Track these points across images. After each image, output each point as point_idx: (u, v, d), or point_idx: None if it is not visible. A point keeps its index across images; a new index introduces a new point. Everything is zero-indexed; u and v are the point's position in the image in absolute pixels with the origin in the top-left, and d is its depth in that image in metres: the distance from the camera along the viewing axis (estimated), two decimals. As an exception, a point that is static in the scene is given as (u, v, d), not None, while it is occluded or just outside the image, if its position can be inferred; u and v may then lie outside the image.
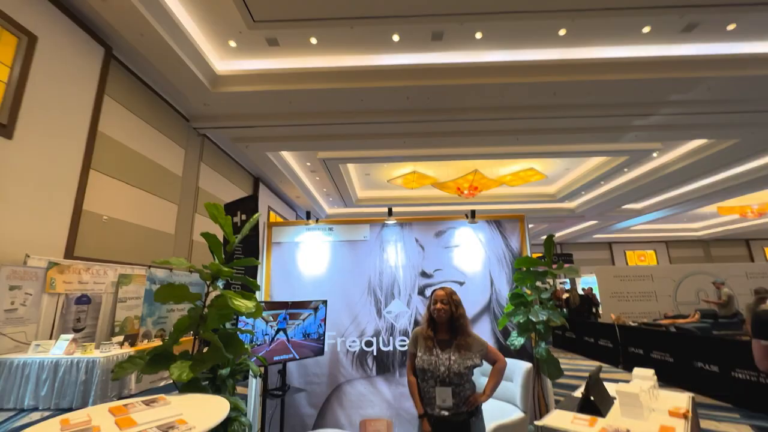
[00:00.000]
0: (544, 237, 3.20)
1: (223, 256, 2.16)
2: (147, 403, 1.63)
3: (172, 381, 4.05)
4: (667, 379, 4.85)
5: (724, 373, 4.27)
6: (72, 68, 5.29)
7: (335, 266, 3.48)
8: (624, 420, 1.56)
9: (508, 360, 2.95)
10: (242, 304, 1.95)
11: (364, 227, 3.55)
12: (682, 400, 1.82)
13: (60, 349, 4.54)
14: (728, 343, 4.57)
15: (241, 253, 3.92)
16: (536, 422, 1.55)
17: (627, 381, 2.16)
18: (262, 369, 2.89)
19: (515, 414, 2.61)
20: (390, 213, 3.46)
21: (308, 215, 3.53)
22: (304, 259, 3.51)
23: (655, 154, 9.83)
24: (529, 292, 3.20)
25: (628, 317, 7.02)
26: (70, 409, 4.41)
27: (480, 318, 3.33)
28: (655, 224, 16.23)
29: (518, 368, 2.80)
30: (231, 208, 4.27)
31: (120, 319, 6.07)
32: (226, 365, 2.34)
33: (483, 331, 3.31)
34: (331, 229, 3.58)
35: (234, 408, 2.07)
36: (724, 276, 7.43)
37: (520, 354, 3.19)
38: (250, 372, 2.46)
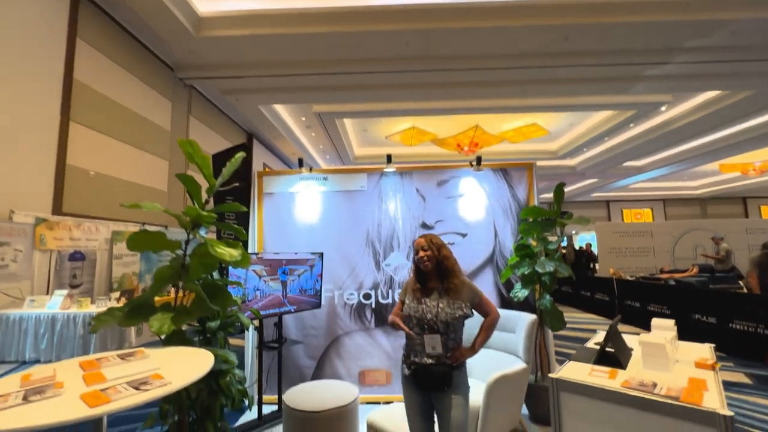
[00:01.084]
0: (545, 195, 2.96)
1: (204, 201, 1.92)
2: (123, 357, 1.47)
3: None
4: (664, 330, 4.85)
5: (721, 324, 4.24)
6: (37, 5, 4.73)
7: (331, 218, 3.26)
8: (647, 372, 1.41)
9: (511, 312, 2.83)
10: (226, 252, 1.74)
11: (362, 176, 3.29)
12: (704, 351, 1.68)
13: (55, 304, 4.44)
14: (727, 295, 4.51)
15: (231, 198, 3.68)
16: (551, 375, 1.40)
17: (624, 333, 2.04)
18: (257, 322, 2.77)
19: (517, 365, 2.51)
20: (389, 160, 3.18)
21: (300, 163, 3.25)
22: (298, 210, 3.28)
23: (663, 108, 9.34)
24: (534, 243, 3.02)
25: (625, 272, 6.99)
26: (70, 362, 4.39)
27: (482, 270, 3.17)
28: (654, 182, 15.96)
29: (521, 320, 2.67)
30: (220, 158, 3.98)
31: (117, 276, 5.97)
32: (215, 318, 2.18)
33: (486, 284, 3.17)
34: (325, 178, 3.31)
35: (224, 361, 1.94)
36: (723, 232, 7.32)
37: (522, 306, 3.06)
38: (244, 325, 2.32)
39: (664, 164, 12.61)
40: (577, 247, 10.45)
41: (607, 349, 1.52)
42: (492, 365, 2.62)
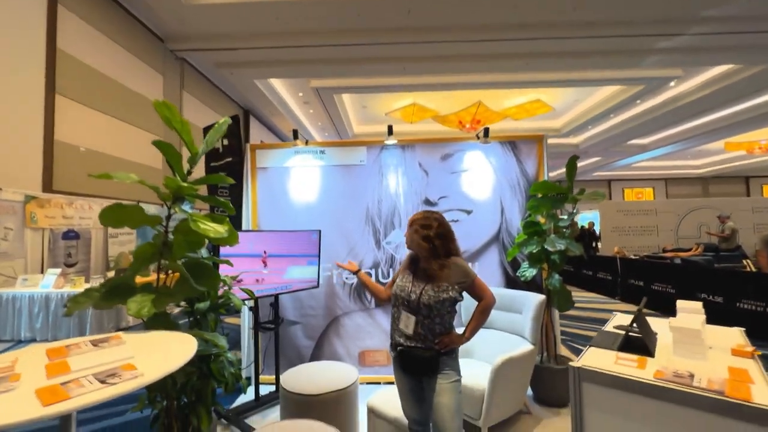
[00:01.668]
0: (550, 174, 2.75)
1: (187, 171, 1.72)
2: (95, 344, 1.31)
3: (174, 312, 3.80)
4: (669, 311, 4.75)
5: (728, 303, 4.12)
6: (9, -35, 4.36)
7: (329, 194, 3.06)
8: (679, 360, 1.26)
9: (518, 292, 2.67)
10: (210, 227, 1.56)
11: (361, 150, 3.07)
12: (734, 335, 1.53)
13: (48, 283, 4.31)
14: (735, 274, 4.37)
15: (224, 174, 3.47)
16: (572, 363, 1.24)
17: (626, 312, 1.91)
18: (253, 302, 2.62)
19: (524, 346, 2.38)
20: (390, 132, 2.95)
21: (295, 134, 3.01)
22: (294, 185, 3.08)
23: (672, 83, 8.96)
24: (543, 220, 2.84)
25: (628, 251, 6.85)
26: (67, 341, 4.31)
27: (488, 249, 3.00)
28: (656, 161, 15.65)
29: (529, 300, 2.53)
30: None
31: (114, 254, 5.83)
32: (205, 299, 2.03)
33: (491, 263, 3.01)
34: (323, 152, 3.09)
35: (213, 345, 1.79)
36: (729, 210, 7.13)
37: (528, 286, 2.92)
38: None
39: (669, 142, 12.29)
40: (579, 226, 10.30)
41: (631, 334, 1.36)
42: (498, 347, 2.49)
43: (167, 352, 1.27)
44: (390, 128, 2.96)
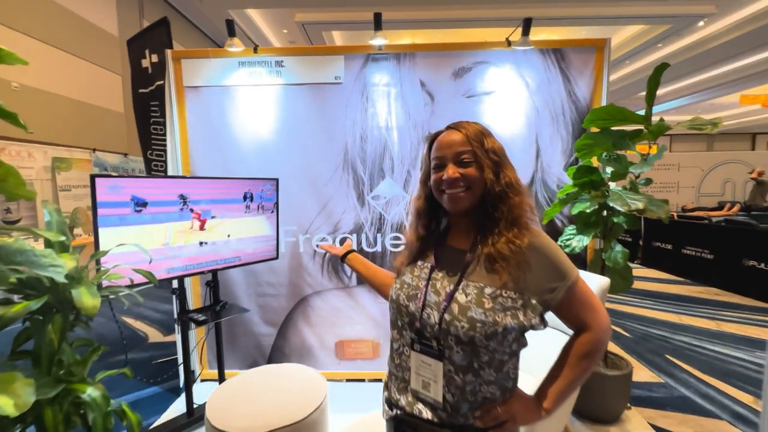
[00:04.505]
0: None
1: None
2: None
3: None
4: (705, 278, 3.93)
5: (786, 273, 3.28)
6: None
7: (290, 126, 2.03)
8: None
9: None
10: None
11: (336, 61, 1.98)
12: None
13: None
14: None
15: (157, 105, 2.42)
16: None
17: (650, 279, 1.02)
18: (177, 283, 1.71)
19: (573, 351, 1.51)
20: (378, 26, 1.83)
21: (230, 27, 1.89)
22: (240, 114, 2.03)
23: (702, 23, 7.55)
24: (596, 164, 1.87)
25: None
26: None
27: (515, 207, 2.05)
28: (663, 116, 14.31)
29: (580, 282, 1.62)
30: (138, 46, 2.61)
31: (68, 211, 4.86)
32: (43, 294, 1.09)
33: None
34: (281, 64, 2.01)
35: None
36: (759, 165, 6.14)
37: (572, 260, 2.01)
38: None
39: (683, 94, 10.97)
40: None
41: None
42: (536, 350, 1.62)
43: None
44: (378, 17, 1.83)
